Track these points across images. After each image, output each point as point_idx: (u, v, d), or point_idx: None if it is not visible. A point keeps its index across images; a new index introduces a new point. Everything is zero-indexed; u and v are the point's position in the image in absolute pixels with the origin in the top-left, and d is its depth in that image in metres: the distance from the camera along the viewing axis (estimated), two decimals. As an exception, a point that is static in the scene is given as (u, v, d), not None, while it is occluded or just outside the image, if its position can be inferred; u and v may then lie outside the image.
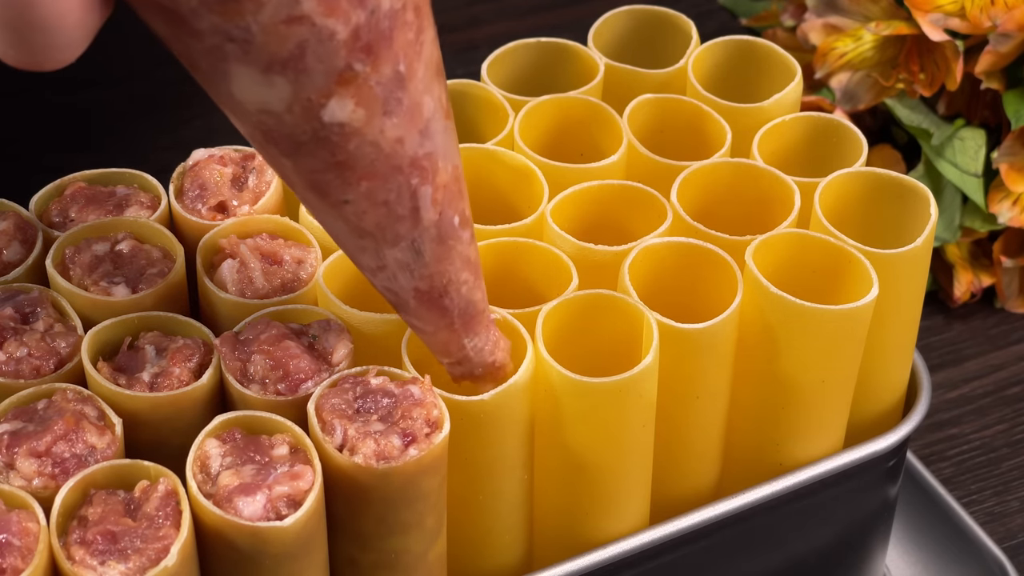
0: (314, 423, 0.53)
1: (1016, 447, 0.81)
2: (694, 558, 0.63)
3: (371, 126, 0.48)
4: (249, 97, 0.47)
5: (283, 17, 0.45)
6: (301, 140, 0.48)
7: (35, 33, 0.44)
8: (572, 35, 0.73)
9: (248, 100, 0.47)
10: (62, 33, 0.44)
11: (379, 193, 0.50)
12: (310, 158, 0.49)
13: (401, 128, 0.49)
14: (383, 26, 0.47)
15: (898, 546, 0.75)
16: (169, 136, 0.95)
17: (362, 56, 0.47)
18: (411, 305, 0.53)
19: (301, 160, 0.49)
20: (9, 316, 0.57)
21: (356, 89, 0.47)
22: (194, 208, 0.61)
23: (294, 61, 0.46)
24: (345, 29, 0.46)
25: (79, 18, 0.44)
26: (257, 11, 0.45)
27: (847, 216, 0.64)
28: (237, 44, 0.46)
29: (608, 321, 0.59)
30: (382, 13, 0.46)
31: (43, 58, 0.45)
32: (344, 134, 0.48)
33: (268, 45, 0.46)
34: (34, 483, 0.52)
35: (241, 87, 0.47)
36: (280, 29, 0.45)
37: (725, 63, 0.70)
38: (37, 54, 0.45)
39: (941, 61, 0.82)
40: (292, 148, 0.49)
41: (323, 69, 0.46)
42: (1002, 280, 0.86)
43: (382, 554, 0.56)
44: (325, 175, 0.49)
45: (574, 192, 0.63)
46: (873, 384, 0.66)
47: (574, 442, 0.58)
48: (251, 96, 0.47)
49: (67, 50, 0.45)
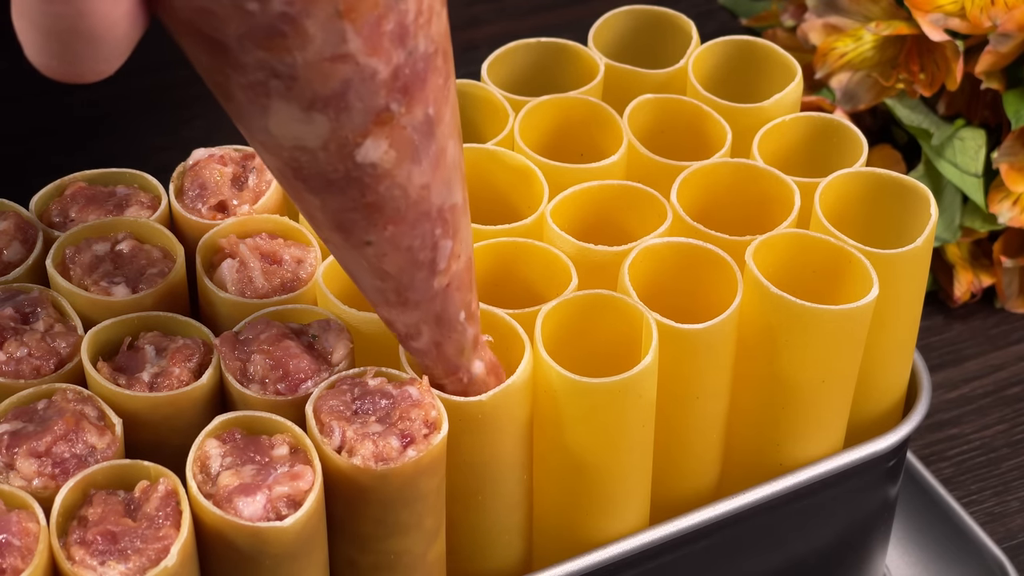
0: (312, 425, 0.53)
1: (1016, 447, 0.81)
2: (694, 558, 0.63)
3: (400, 169, 0.49)
4: (285, 132, 0.47)
5: (328, 55, 0.45)
6: (332, 179, 0.48)
7: (82, 44, 0.43)
8: (572, 35, 0.73)
9: (284, 135, 0.47)
10: (109, 45, 0.44)
11: (403, 239, 0.50)
12: (339, 197, 0.49)
13: (427, 174, 0.49)
14: (419, 68, 0.47)
15: (898, 546, 0.75)
16: (169, 136, 0.95)
17: (399, 96, 0.47)
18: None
19: (330, 199, 0.49)
20: (9, 316, 0.57)
21: (391, 130, 0.48)
22: (194, 208, 0.61)
23: (336, 99, 0.46)
24: (386, 69, 0.46)
25: (126, 30, 0.44)
26: (303, 47, 0.45)
27: (847, 216, 0.64)
28: (282, 80, 0.46)
29: (608, 321, 0.59)
30: (418, 55, 0.47)
31: (85, 69, 0.45)
32: (375, 175, 0.48)
33: (312, 82, 0.46)
34: (34, 483, 0.52)
35: (279, 122, 0.47)
36: (324, 67, 0.45)
37: (725, 63, 0.70)
38: (80, 65, 0.44)
39: (941, 61, 0.82)
40: (322, 186, 0.49)
41: (363, 108, 0.47)
42: (1002, 280, 0.86)
43: (381, 555, 0.56)
44: (352, 215, 0.50)
45: (574, 192, 0.63)
46: (873, 384, 0.66)
47: (574, 442, 0.58)
48: (288, 132, 0.47)
49: (109, 62, 0.44)
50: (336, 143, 0.47)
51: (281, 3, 0.44)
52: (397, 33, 0.46)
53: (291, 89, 0.46)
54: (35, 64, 0.45)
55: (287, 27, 0.44)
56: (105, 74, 0.45)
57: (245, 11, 0.44)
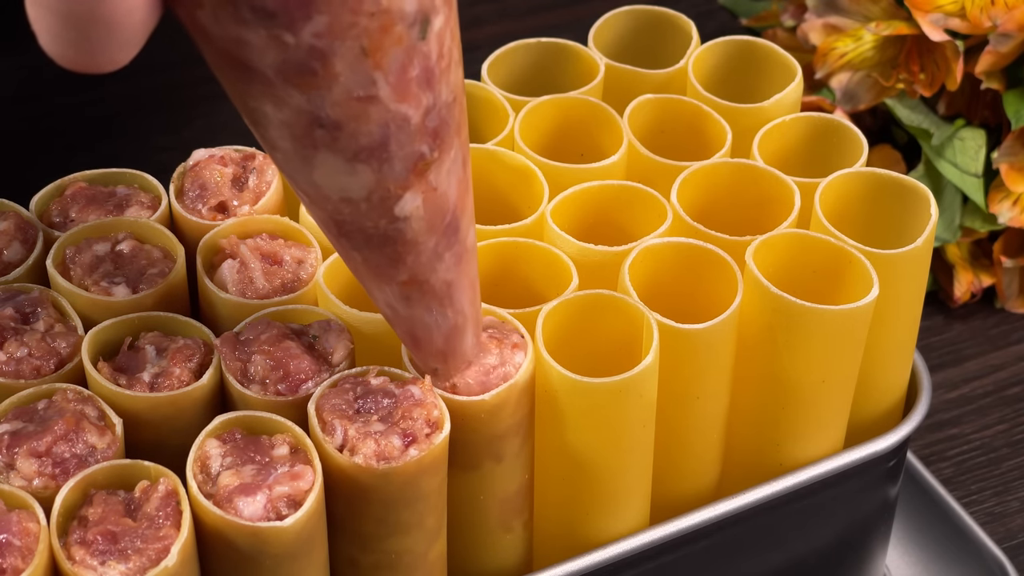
0: (314, 423, 0.53)
1: (1016, 447, 0.81)
2: (694, 558, 0.63)
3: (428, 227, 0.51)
4: (331, 184, 0.49)
5: (357, 95, 0.46)
6: (371, 234, 0.50)
7: (100, 30, 0.43)
8: (572, 35, 0.73)
9: (330, 187, 0.49)
10: (126, 31, 0.44)
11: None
12: (377, 253, 0.51)
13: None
14: (444, 114, 0.49)
15: (898, 546, 0.75)
16: (169, 136, 0.95)
17: (431, 141, 0.49)
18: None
19: (369, 254, 0.51)
20: (9, 316, 0.57)
21: (425, 183, 0.49)
22: (194, 208, 0.61)
23: (379, 150, 0.48)
24: (417, 114, 0.48)
25: (143, 17, 0.44)
26: (332, 86, 0.46)
27: (847, 216, 0.64)
28: (326, 130, 0.47)
29: (608, 321, 0.59)
30: (442, 102, 0.48)
31: (101, 58, 0.44)
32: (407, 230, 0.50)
33: (355, 132, 0.47)
34: (34, 483, 0.52)
35: (325, 174, 0.48)
36: (357, 108, 0.46)
37: (725, 63, 0.70)
38: (96, 54, 0.44)
39: (941, 61, 0.82)
40: (363, 242, 0.51)
41: (402, 156, 0.48)
42: (1002, 280, 0.86)
43: (382, 554, 0.56)
44: (388, 269, 0.52)
45: (574, 192, 0.63)
46: (873, 384, 0.66)
47: (574, 442, 0.58)
48: (334, 183, 0.49)
49: (125, 49, 0.44)
50: (379, 195, 0.49)
51: (310, 36, 0.44)
52: (424, 78, 0.47)
53: (336, 140, 0.47)
54: (50, 53, 0.45)
55: (317, 63, 0.45)
56: (121, 63, 0.45)
57: (281, 42, 0.45)
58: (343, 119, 0.47)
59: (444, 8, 0.47)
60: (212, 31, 0.45)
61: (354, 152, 0.48)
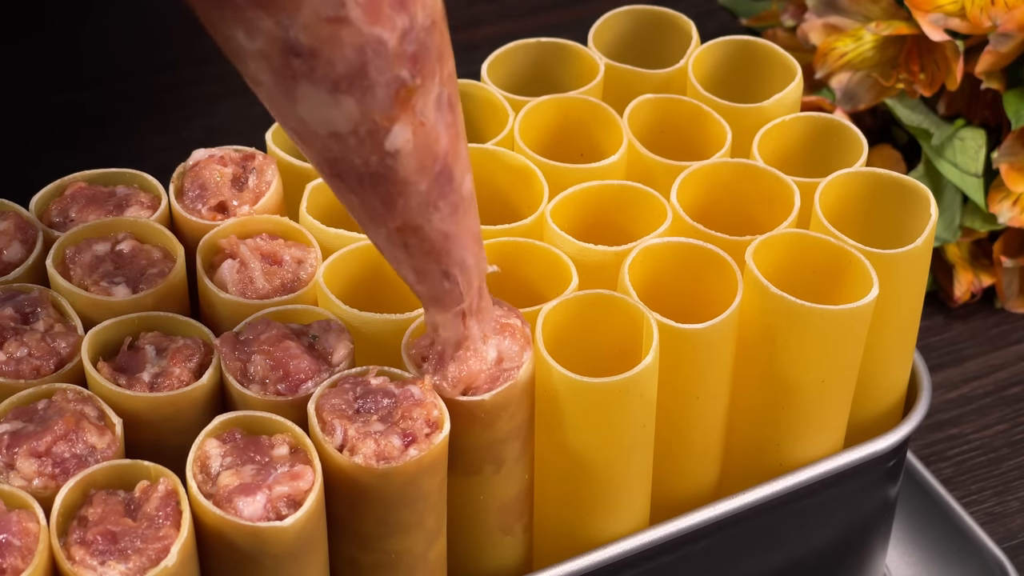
0: (314, 423, 0.53)
1: (1016, 447, 0.81)
2: (694, 558, 0.63)
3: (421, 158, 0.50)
4: (316, 118, 0.48)
5: (327, 16, 0.46)
6: (363, 172, 0.50)
7: None
8: (572, 35, 0.73)
9: (316, 122, 0.49)
10: None
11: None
12: (371, 192, 0.51)
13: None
14: (422, 38, 0.48)
15: (898, 546, 0.75)
16: (169, 136, 0.95)
17: (411, 66, 0.48)
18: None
19: (365, 196, 0.51)
20: (9, 316, 0.57)
21: (412, 115, 0.49)
22: (194, 208, 0.61)
23: (358, 77, 0.47)
24: (392, 36, 0.47)
25: None
26: (300, 6, 0.46)
27: (847, 216, 0.64)
28: (303, 60, 0.47)
29: (608, 321, 0.59)
30: (420, 25, 0.48)
31: None
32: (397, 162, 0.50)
33: (331, 59, 0.47)
34: (34, 483, 0.52)
35: (308, 108, 0.48)
36: (328, 31, 0.46)
37: (725, 63, 0.70)
38: None
39: (941, 61, 0.82)
40: (357, 182, 0.50)
41: (383, 83, 0.48)
42: (1002, 280, 0.86)
43: (382, 554, 0.56)
44: (382, 211, 0.51)
45: (574, 192, 0.63)
46: (873, 384, 0.66)
47: (574, 442, 0.58)
48: (318, 117, 0.48)
49: None
50: (366, 127, 0.48)
51: None
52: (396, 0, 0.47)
53: (314, 69, 0.47)
54: None
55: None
56: None
57: None
58: (317, 45, 0.47)
59: None
60: None
61: (333, 81, 0.47)
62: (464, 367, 0.55)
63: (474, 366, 0.55)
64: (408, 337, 0.57)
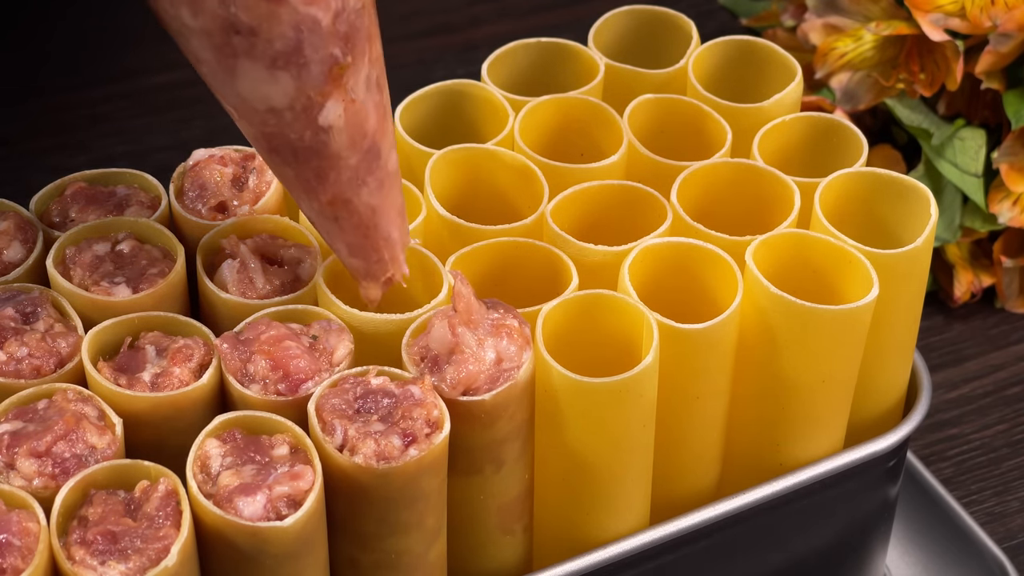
0: (314, 423, 0.53)
1: (1016, 447, 0.81)
2: (694, 558, 0.63)
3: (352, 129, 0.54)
4: (255, 94, 0.51)
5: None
6: (298, 147, 0.53)
7: None
8: (572, 35, 0.73)
9: (254, 97, 0.52)
10: None
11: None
12: (305, 166, 0.54)
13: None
14: (353, 19, 0.51)
15: (898, 546, 0.75)
16: (169, 136, 0.95)
17: (343, 45, 0.51)
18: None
19: (299, 168, 0.54)
20: (9, 316, 0.57)
21: (344, 92, 0.52)
22: (194, 208, 0.61)
23: (294, 54, 0.50)
24: (326, 16, 0.50)
25: None
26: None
27: (847, 216, 0.64)
28: (243, 36, 0.50)
29: (608, 321, 0.59)
30: (351, 7, 0.51)
31: None
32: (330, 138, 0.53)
33: (270, 38, 0.50)
34: (34, 483, 0.52)
35: (248, 84, 0.51)
36: (265, 8, 0.49)
37: (725, 63, 0.70)
38: None
39: (941, 61, 0.82)
40: (291, 155, 0.53)
41: (318, 60, 0.51)
42: (1002, 280, 0.86)
43: (383, 554, 0.56)
44: (315, 184, 0.55)
45: (574, 192, 0.63)
46: (873, 384, 0.66)
47: (574, 442, 0.58)
48: (257, 93, 0.51)
49: None
50: (301, 103, 0.52)
51: None
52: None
53: (253, 46, 0.50)
54: None
55: None
56: None
57: None
58: (256, 23, 0.50)
59: None
60: None
61: (272, 58, 0.51)
62: (463, 369, 0.55)
63: (472, 368, 0.55)
64: (408, 337, 0.57)
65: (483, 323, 0.56)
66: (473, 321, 0.55)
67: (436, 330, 0.55)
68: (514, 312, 0.57)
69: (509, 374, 0.55)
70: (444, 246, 0.61)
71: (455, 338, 0.55)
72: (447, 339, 0.55)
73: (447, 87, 0.67)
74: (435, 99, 0.67)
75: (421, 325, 0.57)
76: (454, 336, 0.55)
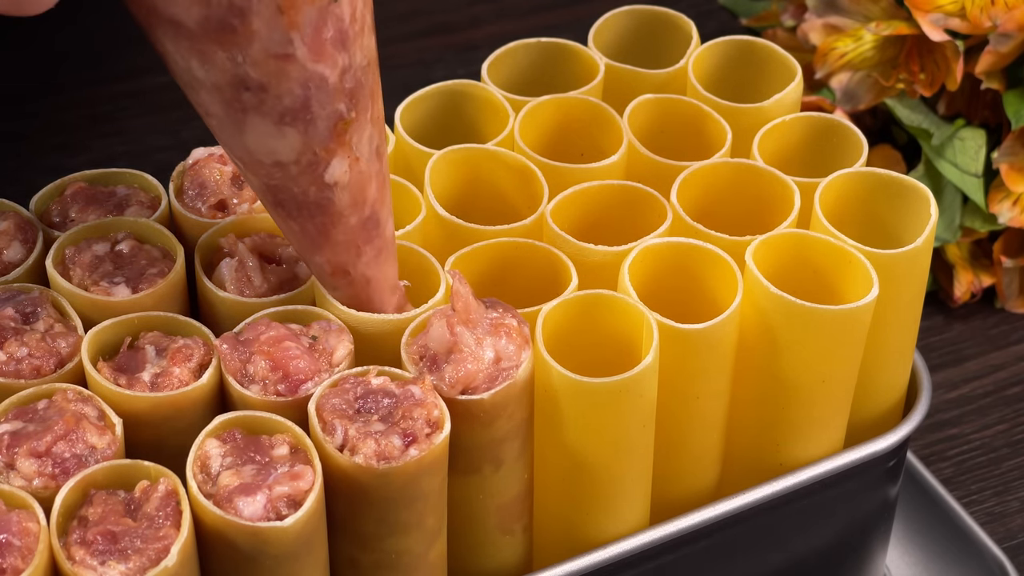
0: (315, 423, 0.53)
1: (1016, 447, 0.81)
2: (694, 558, 0.63)
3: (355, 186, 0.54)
4: (262, 148, 0.52)
5: (275, 52, 0.49)
6: (303, 201, 0.54)
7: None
8: (572, 35, 0.73)
9: (261, 151, 0.52)
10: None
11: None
12: (309, 221, 0.55)
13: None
14: (359, 76, 0.52)
15: (898, 546, 0.75)
16: (169, 136, 0.95)
17: (348, 101, 0.52)
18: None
19: (304, 223, 0.55)
20: (9, 316, 0.57)
21: (348, 149, 0.53)
22: (194, 207, 0.61)
23: (302, 111, 0.51)
24: (334, 73, 0.51)
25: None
26: (251, 42, 0.49)
27: (847, 216, 0.64)
28: (252, 93, 0.50)
29: (608, 321, 0.59)
30: (358, 65, 0.52)
31: (26, 4, 0.48)
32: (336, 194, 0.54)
33: (280, 95, 0.50)
34: (34, 483, 0.52)
35: (255, 138, 0.52)
36: (275, 66, 0.50)
37: (725, 63, 0.70)
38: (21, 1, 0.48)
39: (941, 61, 0.82)
40: (296, 209, 0.54)
41: (324, 116, 0.52)
42: (1002, 280, 0.86)
43: (383, 554, 0.56)
44: (320, 240, 0.55)
45: (574, 192, 0.63)
46: (873, 384, 0.66)
47: (574, 442, 0.58)
48: (264, 147, 0.52)
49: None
50: (307, 158, 0.52)
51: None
52: (338, 39, 0.50)
53: (263, 102, 0.51)
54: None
55: (236, 20, 0.49)
56: (46, 7, 0.48)
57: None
58: (266, 79, 0.50)
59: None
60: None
61: (280, 114, 0.51)
62: (461, 368, 0.55)
63: (471, 367, 0.55)
64: (407, 336, 0.57)
65: (482, 322, 0.56)
66: (471, 320, 0.55)
67: (434, 329, 0.55)
68: (513, 311, 0.57)
69: (508, 373, 0.55)
70: (444, 246, 0.61)
71: (453, 337, 0.55)
72: (445, 338, 0.55)
73: (447, 87, 0.67)
74: (435, 99, 0.67)
75: (420, 324, 0.57)
76: (452, 335, 0.55)
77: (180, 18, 0.49)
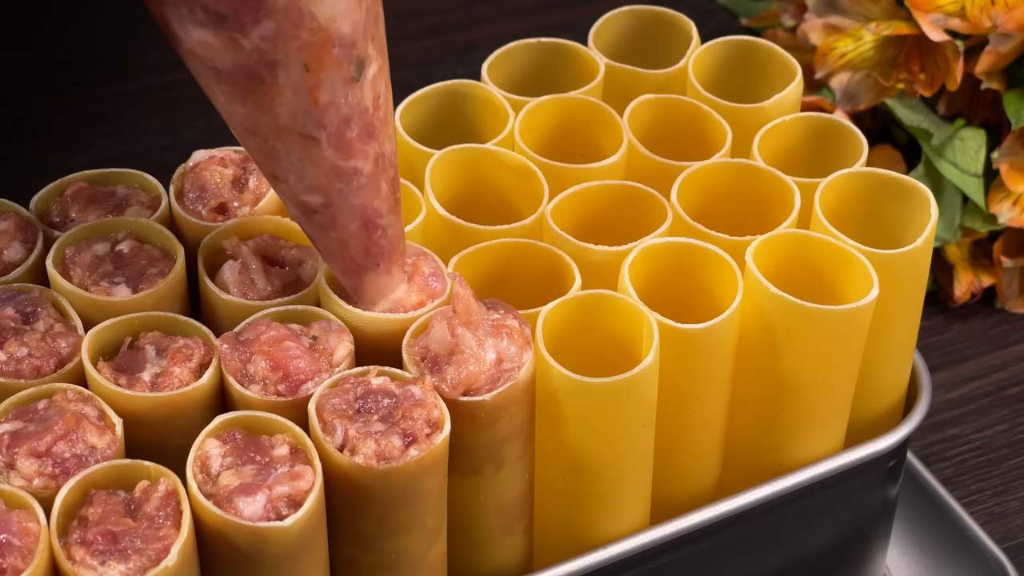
0: (315, 423, 0.53)
1: (1016, 447, 0.81)
2: (694, 558, 0.63)
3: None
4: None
5: (299, 130, 0.52)
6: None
7: None
8: (572, 35, 0.73)
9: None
10: None
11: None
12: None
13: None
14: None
15: (898, 546, 0.75)
16: (169, 136, 0.95)
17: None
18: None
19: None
20: (9, 316, 0.57)
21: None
22: (194, 210, 0.61)
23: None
24: (367, 165, 0.54)
25: None
26: (278, 100, 0.51)
27: (847, 216, 0.64)
28: (320, 215, 0.55)
29: (608, 321, 0.59)
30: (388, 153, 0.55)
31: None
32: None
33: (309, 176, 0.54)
34: (34, 483, 0.52)
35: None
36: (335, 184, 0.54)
37: (725, 63, 0.70)
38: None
39: (941, 61, 0.82)
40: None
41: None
42: (1002, 280, 0.86)
43: (383, 554, 0.56)
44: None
45: (574, 192, 0.63)
46: (873, 384, 0.66)
47: (574, 442, 0.58)
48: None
49: None
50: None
51: (259, 39, 0.49)
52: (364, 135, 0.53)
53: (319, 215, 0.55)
54: None
55: (264, 71, 0.50)
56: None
57: (237, 44, 0.49)
58: (319, 205, 0.54)
59: (378, 57, 0.52)
60: (178, 33, 0.50)
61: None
62: (463, 369, 0.55)
63: (472, 368, 0.55)
64: (408, 337, 0.57)
65: (483, 324, 0.56)
66: (472, 322, 0.55)
67: (436, 331, 0.55)
68: (514, 312, 0.57)
69: (509, 374, 0.55)
70: (444, 246, 0.61)
71: (455, 339, 0.55)
72: (447, 340, 0.55)
73: (447, 87, 0.67)
74: (435, 99, 0.67)
75: (421, 325, 0.57)
76: (453, 337, 0.55)
77: (216, 65, 0.50)
